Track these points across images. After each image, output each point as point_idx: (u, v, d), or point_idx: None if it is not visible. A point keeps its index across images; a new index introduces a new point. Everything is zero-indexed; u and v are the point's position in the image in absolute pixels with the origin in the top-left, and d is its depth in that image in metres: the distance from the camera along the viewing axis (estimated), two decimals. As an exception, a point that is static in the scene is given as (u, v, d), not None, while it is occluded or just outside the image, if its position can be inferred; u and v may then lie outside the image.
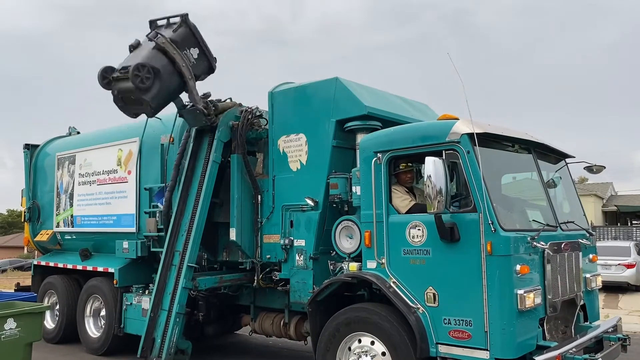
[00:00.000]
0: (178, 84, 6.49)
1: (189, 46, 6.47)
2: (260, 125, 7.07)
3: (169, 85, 6.36)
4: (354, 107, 6.04)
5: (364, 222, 5.51)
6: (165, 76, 6.22)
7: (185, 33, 6.43)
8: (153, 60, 6.15)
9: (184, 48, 6.41)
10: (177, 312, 6.61)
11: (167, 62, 6.27)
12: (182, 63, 6.33)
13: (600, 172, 6.43)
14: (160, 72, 6.15)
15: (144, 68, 5.97)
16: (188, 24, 6.47)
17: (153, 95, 6.15)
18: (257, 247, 6.80)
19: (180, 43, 6.38)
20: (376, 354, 5.22)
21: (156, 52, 6.22)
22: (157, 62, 6.17)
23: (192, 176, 7.07)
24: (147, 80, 5.96)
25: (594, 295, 6.07)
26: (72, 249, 9.15)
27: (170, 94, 6.53)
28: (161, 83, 6.18)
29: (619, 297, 15.87)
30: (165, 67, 6.25)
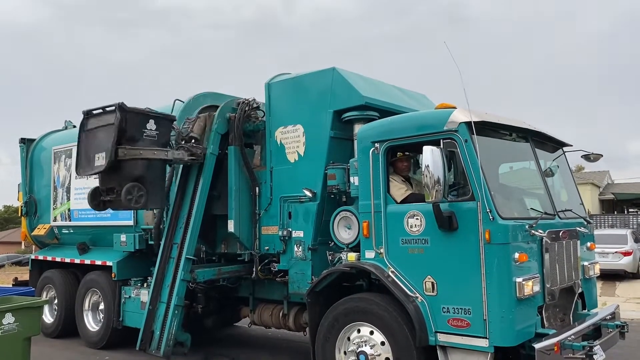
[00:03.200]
0: (162, 167, 6.27)
1: (143, 125, 5.96)
2: (257, 117, 7.04)
3: (158, 177, 6.13)
4: (352, 98, 6.01)
5: (362, 213, 5.50)
6: (151, 175, 5.92)
7: (132, 118, 5.85)
8: (133, 171, 5.79)
9: (141, 132, 5.92)
10: (176, 304, 6.60)
11: (143, 162, 5.87)
12: (154, 155, 5.92)
13: (597, 160, 6.45)
14: (146, 177, 5.85)
15: (134, 188, 5.69)
16: (127, 109, 5.83)
17: (151, 201, 5.95)
18: (255, 238, 6.80)
19: (137, 132, 5.87)
20: (375, 343, 5.23)
21: (128, 163, 5.81)
22: (138, 170, 5.84)
23: (189, 168, 7.04)
24: (141, 198, 5.71)
25: (592, 283, 6.10)
26: (69, 243, 9.13)
27: (162, 180, 6.35)
28: (152, 184, 5.92)
29: (616, 284, 15.95)
30: (146, 168, 5.90)
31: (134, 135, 5.65)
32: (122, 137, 5.57)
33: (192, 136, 6.78)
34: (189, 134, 6.77)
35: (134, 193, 5.57)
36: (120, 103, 5.61)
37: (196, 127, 6.82)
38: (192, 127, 6.80)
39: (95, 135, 5.70)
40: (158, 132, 5.88)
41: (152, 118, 5.84)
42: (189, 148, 6.63)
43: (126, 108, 5.62)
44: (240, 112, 6.92)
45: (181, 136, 6.74)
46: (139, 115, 5.76)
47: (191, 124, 6.86)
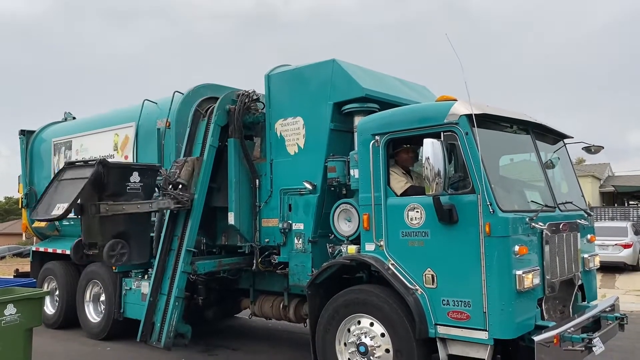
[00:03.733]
0: (147, 218, 6.09)
1: (126, 178, 5.75)
2: (257, 109, 7.02)
3: (144, 229, 5.96)
4: (352, 90, 5.99)
5: (362, 205, 5.50)
6: (135, 229, 5.77)
7: (114, 173, 5.67)
8: (116, 226, 5.62)
9: (124, 186, 5.74)
10: (177, 296, 6.62)
11: (126, 217, 5.68)
12: (137, 209, 5.72)
13: (598, 152, 6.44)
14: (129, 232, 5.68)
15: (117, 245, 5.54)
16: (109, 165, 5.67)
17: (135, 256, 5.81)
18: (255, 231, 6.80)
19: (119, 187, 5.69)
20: (375, 335, 5.25)
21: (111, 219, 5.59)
22: (121, 226, 5.66)
23: None
24: (123, 255, 5.56)
25: (592, 275, 6.10)
26: (70, 234, 9.12)
27: (148, 232, 6.15)
28: (136, 238, 5.77)
29: (615, 277, 15.98)
30: (129, 222, 5.72)
31: (117, 190, 5.48)
32: (104, 192, 5.39)
33: (179, 182, 6.59)
34: (176, 180, 6.58)
35: (116, 250, 5.43)
36: (102, 160, 5.43)
37: (183, 172, 6.62)
38: (180, 172, 6.60)
39: (66, 187, 5.48)
40: (142, 183, 5.70)
41: (135, 170, 5.65)
42: (175, 196, 6.44)
43: (108, 164, 5.44)
44: (240, 104, 6.91)
45: (168, 180, 6.57)
46: (121, 169, 5.58)
47: (178, 168, 6.64)
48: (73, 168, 5.57)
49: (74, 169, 5.54)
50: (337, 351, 5.51)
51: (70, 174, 5.52)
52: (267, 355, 7.35)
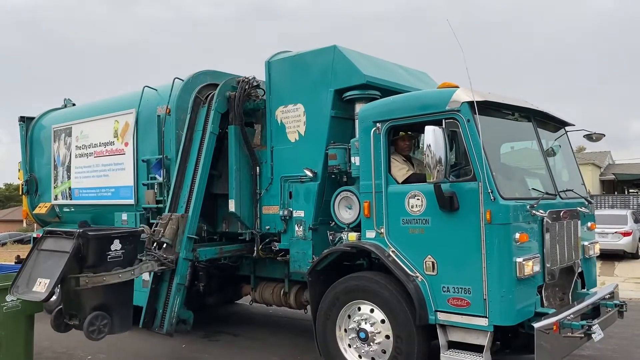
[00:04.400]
0: (129, 286, 5.77)
1: (107, 248, 5.44)
2: (257, 96, 6.99)
3: (126, 296, 5.72)
4: (353, 76, 5.95)
5: (363, 193, 5.50)
6: (117, 298, 5.52)
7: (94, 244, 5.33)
8: (96, 298, 5.34)
9: (105, 256, 5.41)
10: (178, 283, 6.63)
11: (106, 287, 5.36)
12: (119, 279, 5.45)
13: (599, 140, 6.41)
14: (111, 302, 5.43)
15: (98, 318, 5.30)
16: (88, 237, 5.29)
17: (118, 327, 5.54)
18: (256, 218, 6.81)
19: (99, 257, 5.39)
20: (375, 321, 5.27)
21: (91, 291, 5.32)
22: (101, 297, 5.37)
23: (189, 148, 7.02)
24: (105, 327, 5.32)
25: (592, 262, 6.12)
26: (71, 221, 9.15)
27: (130, 298, 5.87)
28: (119, 307, 5.54)
29: (615, 264, 16.03)
30: (110, 293, 5.42)
31: (96, 261, 5.26)
32: (84, 264, 5.19)
33: (164, 241, 6.48)
34: (160, 239, 6.46)
35: (97, 323, 5.23)
36: (81, 231, 5.20)
37: (168, 230, 6.49)
38: (164, 230, 6.49)
39: (48, 258, 5.27)
40: (124, 250, 5.47)
41: (116, 238, 5.42)
42: (159, 257, 6.25)
43: (87, 235, 5.20)
44: (240, 90, 6.88)
45: (152, 239, 6.45)
46: (101, 239, 5.36)
47: (163, 226, 6.53)
48: (54, 237, 5.38)
49: (55, 238, 5.36)
50: (337, 337, 5.55)
51: (51, 244, 5.33)
52: (268, 341, 7.40)
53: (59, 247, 5.24)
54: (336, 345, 5.55)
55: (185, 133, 7.04)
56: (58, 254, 5.19)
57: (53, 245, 5.32)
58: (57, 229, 5.65)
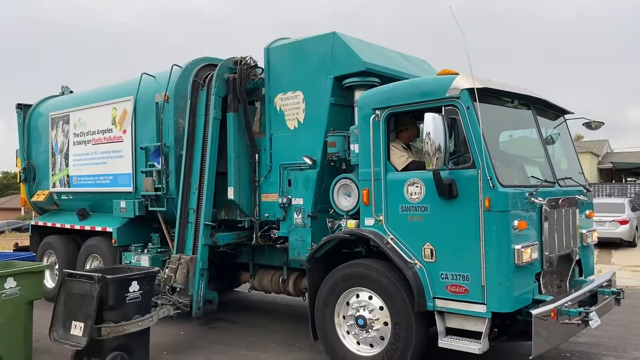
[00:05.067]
0: None
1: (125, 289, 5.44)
2: (255, 75, 6.95)
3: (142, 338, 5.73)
4: (352, 63, 5.92)
5: (362, 180, 5.49)
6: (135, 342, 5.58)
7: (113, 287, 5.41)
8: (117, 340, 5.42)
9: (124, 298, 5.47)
10: (201, 268, 6.76)
11: None
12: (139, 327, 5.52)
13: (598, 128, 6.41)
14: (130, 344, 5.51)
15: (117, 358, 5.39)
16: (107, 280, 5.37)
17: None
18: (255, 205, 6.81)
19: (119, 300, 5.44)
20: (374, 308, 5.29)
21: None
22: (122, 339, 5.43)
23: (194, 133, 7.03)
24: None
25: (590, 250, 6.14)
26: (69, 209, 9.15)
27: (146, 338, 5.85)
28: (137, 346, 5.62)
29: (612, 252, 16.11)
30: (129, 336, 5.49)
31: (116, 303, 5.38)
32: (103, 307, 5.31)
33: (176, 287, 6.67)
34: (172, 285, 6.67)
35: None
36: (99, 276, 5.31)
37: (179, 276, 6.66)
38: (175, 276, 6.67)
39: (75, 300, 5.45)
40: (142, 291, 5.60)
41: (134, 280, 5.56)
42: (175, 302, 6.50)
43: (107, 279, 5.32)
44: (240, 73, 6.83)
45: (165, 284, 6.66)
46: (120, 282, 5.47)
47: (173, 271, 6.69)
48: (75, 280, 5.54)
49: (77, 281, 5.52)
50: (336, 324, 5.57)
51: (77, 287, 5.50)
52: (266, 328, 7.43)
53: (82, 291, 5.42)
54: (335, 332, 5.58)
55: (188, 118, 7.03)
56: (83, 297, 5.38)
57: (78, 288, 5.49)
58: (77, 272, 5.75)
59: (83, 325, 5.30)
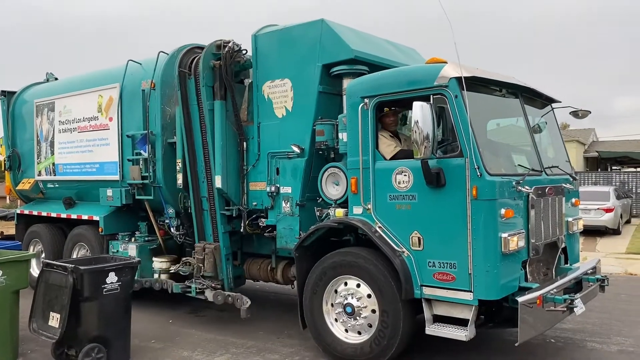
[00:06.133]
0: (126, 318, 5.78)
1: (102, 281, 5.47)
2: (242, 57, 6.89)
3: (122, 331, 5.72)
4: (341, 51, 5.88)
5: (350, 169, 5.49)
6: (112, 332, 5.56)
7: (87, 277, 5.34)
8: (92, 331, 5.41)
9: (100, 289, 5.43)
10: (225, 254, 6.92)
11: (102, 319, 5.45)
12: None
13: (585, 117, 6.47)
14: (107, 335, 5.48)
15: (94, 350, 5.33)
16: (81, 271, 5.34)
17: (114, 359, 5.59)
18: (243, 194, 6.78)
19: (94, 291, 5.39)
20: (362, 296, 5.32)
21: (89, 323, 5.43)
22: (99, 330, 5.44)
23: (190, 123, 6.99)
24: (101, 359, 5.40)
25: (575, 238, 6.21)
26: (55, 197, 9.06)
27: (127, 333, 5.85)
28: (115, 339, 5.58)
29: (597, 240, 16.32)
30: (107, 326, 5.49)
31: (91, 295, 5.33)
32: (78, 299, 5.28)
33: (207, 275, 6.92)
34: (203, 274, 6.92)
35: (92, 355, 5.31)
36: (73, 267, 5.29)
37: (207, 265, 6.85)
38: (204, 266, 6.87)
39: (53, 290, 5.44)
40: (120, 282, 5.54)
41: (111, 271, 5.50)
42: (215, 287, 6.88)
43: (80, 270, 5.27)
44: (224, 60, 6.75)
45: (199, 273, 6.93)
46: (95, 273, 5.40)
47: (200, 261, 6.90)
48: (50, 270, 5.54)
49: (53, 272, 5.52)
50: (324, 311, 5.60)
51: (53, 277, 5.50)
52: (254, 316, 7.42)
53: (57, 282, 5.41)
54: (323, 320, 5.60)
55: (182, 110, 6.96)
56: (59, 287, 5.37)
57: (54, 279, 5.48)
58: (53, 262, 5.73)
59: (59, 316, 5.27)
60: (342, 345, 5.48)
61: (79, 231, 8.41)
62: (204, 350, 6.18)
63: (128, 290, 5.72)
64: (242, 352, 6.09)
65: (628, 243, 15.59)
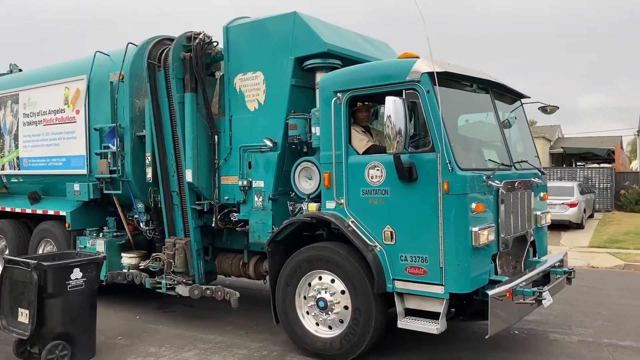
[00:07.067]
0: (91, 315, 5.68)
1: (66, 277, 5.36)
2: (213, 49, 6.78)
3: (87, 328, 5.61)
4: (314, 44, 5.84)
5: (323, 163, 5.48)
6: (77, 328, 5.44)
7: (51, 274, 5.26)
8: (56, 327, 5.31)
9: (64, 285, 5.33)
10: (197, 249, 6.82)
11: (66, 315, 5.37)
12: None
13: (553, 113, 6.57)
14: (71, 332, 5.37)
15: (57, 347, 5.22)
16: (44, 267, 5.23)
17: (78, 356, 5.43)
18: (214, 188, 6.69)
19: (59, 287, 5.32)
20: (335, 291, 5.32)
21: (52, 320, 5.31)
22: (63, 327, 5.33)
23: (160, 117, 6.86)
24: (64, 357, 5.24)
25: (543, 232, 6.33)
26: (19, 192, 8.80)
27: (92, 329, 5.74)
28: (80, 336, 5.45)
29: (561, 234, 16.70)
30: (71, 322, 5.39)
31: (56, 291, 5.22)
32: (42, 294, 5.17)
33: (178, 271, 6.79)
34: (173, 270, 6.80)
35: (56, 352, 5.20)
36: (36, 263, 5.18)
37: (178, 261, 6.74)
38: (175, 261, 6.76)
39: (19, 287, 5.33)
40: (85, 278, 5.43)
41: (76, 267, 5.38)
42: (186, 282, 6.76)
43: (43, 267, 5.16)
44: (195, 52, 6.63)
45: (168, 268, 6.82)
46: (59, 270, 5.29)
47: (171, 257, 6.79)
48: (15, 268, 5.40)
49: (16, 269, 5.38)
50: (296, 304, 5.57)
51: (17, 274, 5.37)
52: (224, 312, 7.37)
53: (22, 278, 5.31)
54: (295, 312, 5.58)
55: (151, 102, 6.83)
56: (24, 284, 5.28)
57: (18, 275, 5.38)
58: (16, 258, 5.60)
59: (28, 312, 5.17)
60: (312, 339, 5.48)
61: (45, 227, 8.20)
62: (172, 346, 6.11)
63: (93, 286, 5.61)
64: (210, 347, 6.05)
65: (591, 237, 16.00)
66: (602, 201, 26.39)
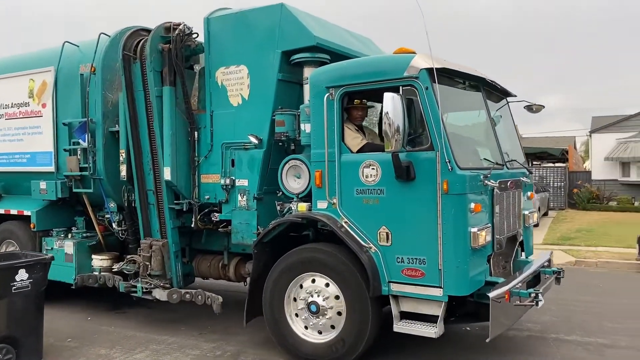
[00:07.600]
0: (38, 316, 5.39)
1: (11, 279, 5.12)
2: (192, 41, 6.47)
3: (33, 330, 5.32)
4: (302, 38, 5.60)
5: (314, 162, 5.26)
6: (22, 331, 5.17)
7: None
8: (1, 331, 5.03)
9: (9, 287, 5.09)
10: (175, 251, 6.50)
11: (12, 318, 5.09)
12: None
13: (539, 112, 6.55)
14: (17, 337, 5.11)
15: (2, 351, 4.95)
16: None
17: None
18: (194, 187, 6.38)
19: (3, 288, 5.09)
20: (329, 296, 5.10)
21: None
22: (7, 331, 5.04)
23: (135, 112, 6.50)
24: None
25: (530, 231, 6.31)
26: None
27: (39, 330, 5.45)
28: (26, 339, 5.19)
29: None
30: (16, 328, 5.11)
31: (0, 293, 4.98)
32: None
33: (154, 274, 6.47)
34: (150, 272, 6.48)
35: (0, 356, 4.95)
36: None
37: (155, 264, 6.41)
38: (151, 264, 6.43)
39: None
40: (32, 280, 5.16)
41: (21, 268, 5.12)
42: (163, 286, 6.46)
43: None
44: (175, 43, 6.30)
45: (145, 270, 6.50)
46: (2, 270, 5.02)
47: (147, 260, 6.45)
48: None
49: None
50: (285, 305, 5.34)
51: None
52: (183, 313, 7.10)
53: None
54: (282, 313, 5.35)
55: (126, 96, 6.45)
56: None
57: None
58: None
59: None
60: (298, 342, 5.27)
61: (7, 227, 7.70)
62: (123, 347, 5.89)
63: (40, 287, 5.35)
64: (162, 348, 5.85)
65: (544, 234, 16.19)
66: (556, 199, 27.14)
